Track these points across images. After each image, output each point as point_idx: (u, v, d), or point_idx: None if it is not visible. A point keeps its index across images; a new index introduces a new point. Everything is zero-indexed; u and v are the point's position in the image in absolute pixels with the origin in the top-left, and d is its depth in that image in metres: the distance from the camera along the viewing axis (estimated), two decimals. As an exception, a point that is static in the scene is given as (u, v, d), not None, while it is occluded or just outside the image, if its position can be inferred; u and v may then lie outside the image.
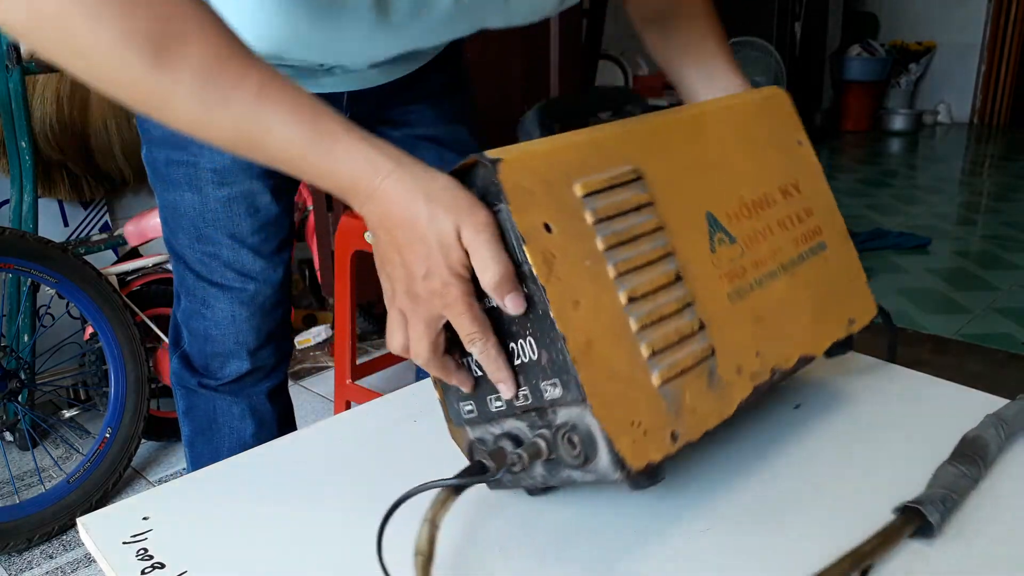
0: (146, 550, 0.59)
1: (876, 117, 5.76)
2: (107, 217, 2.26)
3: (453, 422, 0.61)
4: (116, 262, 1.98)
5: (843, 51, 5.62)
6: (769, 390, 0.63)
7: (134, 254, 2.00)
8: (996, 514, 0.59)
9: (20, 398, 1.77)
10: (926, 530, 0.56)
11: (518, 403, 0.55)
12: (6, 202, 1.86)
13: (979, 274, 2.96)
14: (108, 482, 1.72)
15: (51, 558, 1.61)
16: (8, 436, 1.96)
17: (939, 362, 2.22)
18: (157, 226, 1.85)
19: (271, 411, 1.11)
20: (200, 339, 1.04)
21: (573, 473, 0.53)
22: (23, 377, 1.74)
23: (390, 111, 1.01)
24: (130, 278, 1.90)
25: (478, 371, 0.57)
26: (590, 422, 0.51)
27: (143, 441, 1.82)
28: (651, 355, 0.54)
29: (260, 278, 1.01)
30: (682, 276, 0.58)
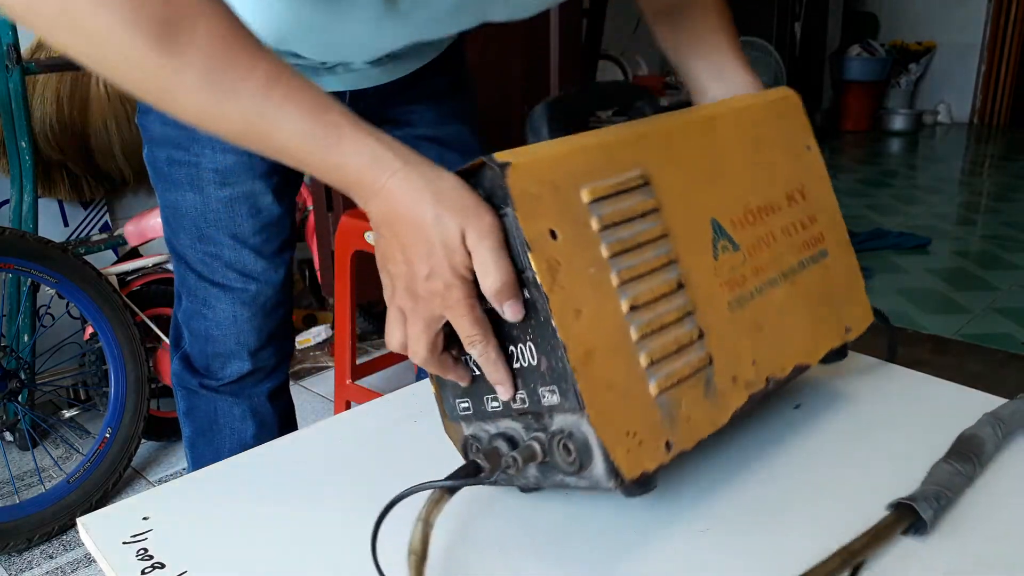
0: (146, 550, 0.59)
1: (876, 117, 5.76)
2: (107, 217, 2.26)
3: (448, 417, 0.61)
4: (116, 262, 1.98)
5: (843, 51, 5.62)
6: (764, 399, 0.63)
7: (134, 254, 2.00)
8: (991, 512, 0.60)
9: (20, 398, 1.77)
10: (919, 527, 0.57)
11: (515, 406, 0.55)
12: (6, 202, 1.86)
13: (979, 274, 2.96)
14: (108, 482, 1.72)
15: (51, 558, 1.61)
16: (8, 436, 1.96)
17: (939, 362, 2.22)
18: (157, 226, 1.86)
19: (272, 412, 1.11)
20: (201, 339, 1.04)
21: (567, 478, 0.54)
22: (23, 377, 1.74)
23: (392, 111, 1.01)
24: (130, 278, 1.90)
25: (476, 370, 0.57)
26: (586, 431, 0.51)
27: (143, 441, 1.82)
28: (650, 364, 0.54)
29: (262, 279, 1.00)
30: (684, 284, 0.58)
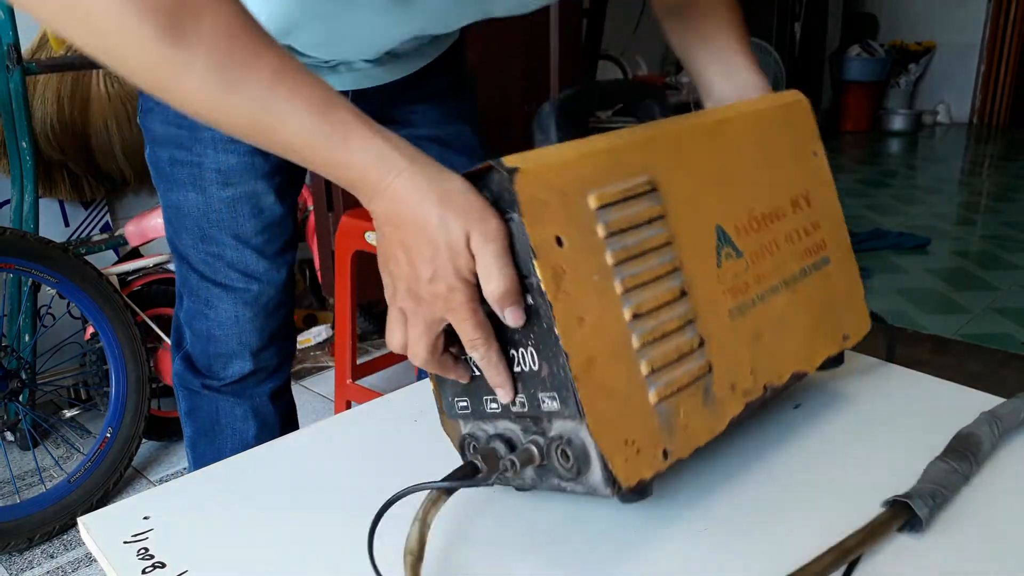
0: (147, 550, 0.59)
1: (876, 117, 5.75)
2: (108, 217, 2.26)
3: (446, 414, 0.61)
4: (117, 262, 1.98)
5: (843, 51, 5.62)
6: (761, 406, 0.63)
7: (135, 254, 2.00)
8: (986, 509, 0.60)
9: (21, 398, 1.77)
10: (915, 524, 0.57)
11: (514, 408, 0.55)
12: (7, 202, 1.86)
13: (978, 274, 2.96)
14: (109, 482, 1.72)
15: (52, 557, 1.61)
16: (9, 436, 1.96)
17: (938, 362, 2.22)
18: (158, 226, 1.86)
19: (274, 412, 1.11)
20: (203, 339, 1.04)
21: (564, 483, 0.54)
22: (24, 377, 1.74)
23: (394, 110, 1.01)
24: (131, 278, 1.90)
25: (476, 370, 0.57)
26: (585, 438, 0.51)
27: (144, 441, 1.82)
28: (650, 372, 0.54)
29: (264, 279, 1.00)
30: (687, 291, 0.58)
